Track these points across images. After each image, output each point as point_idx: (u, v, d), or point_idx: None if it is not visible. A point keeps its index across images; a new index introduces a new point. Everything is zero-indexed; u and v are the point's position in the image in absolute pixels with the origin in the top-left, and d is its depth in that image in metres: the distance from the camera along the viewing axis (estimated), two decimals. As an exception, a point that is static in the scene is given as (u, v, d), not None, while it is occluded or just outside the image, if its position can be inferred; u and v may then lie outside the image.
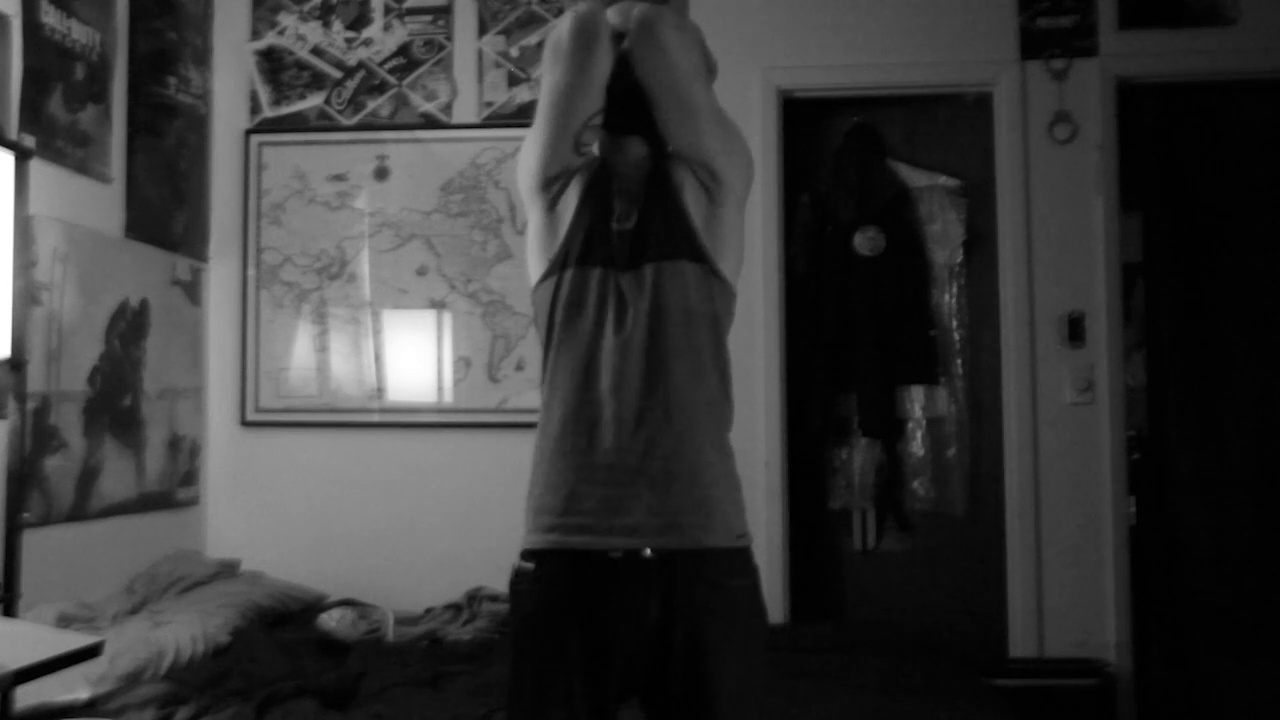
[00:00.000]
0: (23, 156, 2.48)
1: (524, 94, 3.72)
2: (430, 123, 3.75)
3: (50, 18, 2.89)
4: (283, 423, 3.71)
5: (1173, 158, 3.75)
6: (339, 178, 3.75)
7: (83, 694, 2.34)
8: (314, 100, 3.78)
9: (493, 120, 3.73)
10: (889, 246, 3.68)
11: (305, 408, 3.71)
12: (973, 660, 3.24)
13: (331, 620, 3.13)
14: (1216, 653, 3.61)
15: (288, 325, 3.73)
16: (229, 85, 3.79)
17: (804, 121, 3.76)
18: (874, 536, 3.72)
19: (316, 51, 3.79)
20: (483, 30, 3.76)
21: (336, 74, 3.78)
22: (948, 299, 3.72)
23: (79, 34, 3.03)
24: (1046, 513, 3.53)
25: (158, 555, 3.28)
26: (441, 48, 3.77)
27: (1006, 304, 3.61)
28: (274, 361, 3.73)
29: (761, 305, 3.59)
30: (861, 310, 3.67)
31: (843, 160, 3.75)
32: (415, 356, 3.71)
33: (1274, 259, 3.69)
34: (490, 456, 3.62)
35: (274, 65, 3.80)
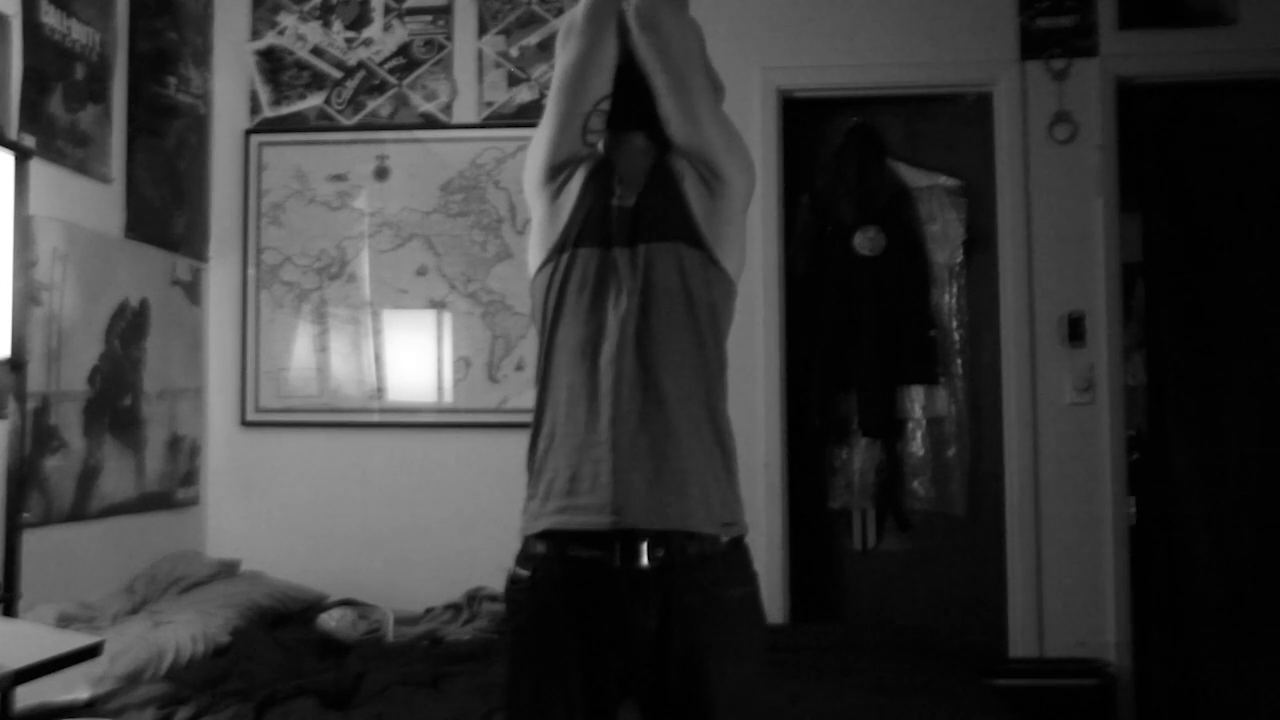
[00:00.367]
0: (23, 156, 2.48)
1: (524, 94, 3.72)
2: (430, 123, 3.75)
3: (50, 18, 2.89)
4: (283, 423, 3.71)
5: (1173, 158, 3.75)
6: (339, 178, 3.75)
7: (83, 694, 2.34)
8: (314, 100, 3.78)
9: (493, 120, 3.73)
10: (889, 246, 3.68)
11: (305, 408, 3.71)
12: (973, 660, 3.24)
13: (331, 620, 3.13)
14: (1216, 653, 3.61)
15: (288, 325, 3.73)
16: (229, 85, 3.79)
17: (804, 121, 3.76)
18: (874, 536, 3.72)
19: (316, 51, 3.79)
20: (483, 30, 3.76)
21: (336, 74, 3.78)
22: (948, 299, 3.72)
23: (79, 34, 3.03)
24: (1046, 513, 3.53)
25: (158, 555, 3.28)
26: (441, 48, 3.77)
27: (1006, 304, 3.61)
28: (274, 361, 3.73)
29: (761, 305, 3.59)
30: (861, 310, 3.67)
31: (842, 160, 3.75)
32: (415, 356, 3.71)
33: (1274, 259, 3.69)
34: (490, 456, 3.62)
35: (274, 65, 3.80)
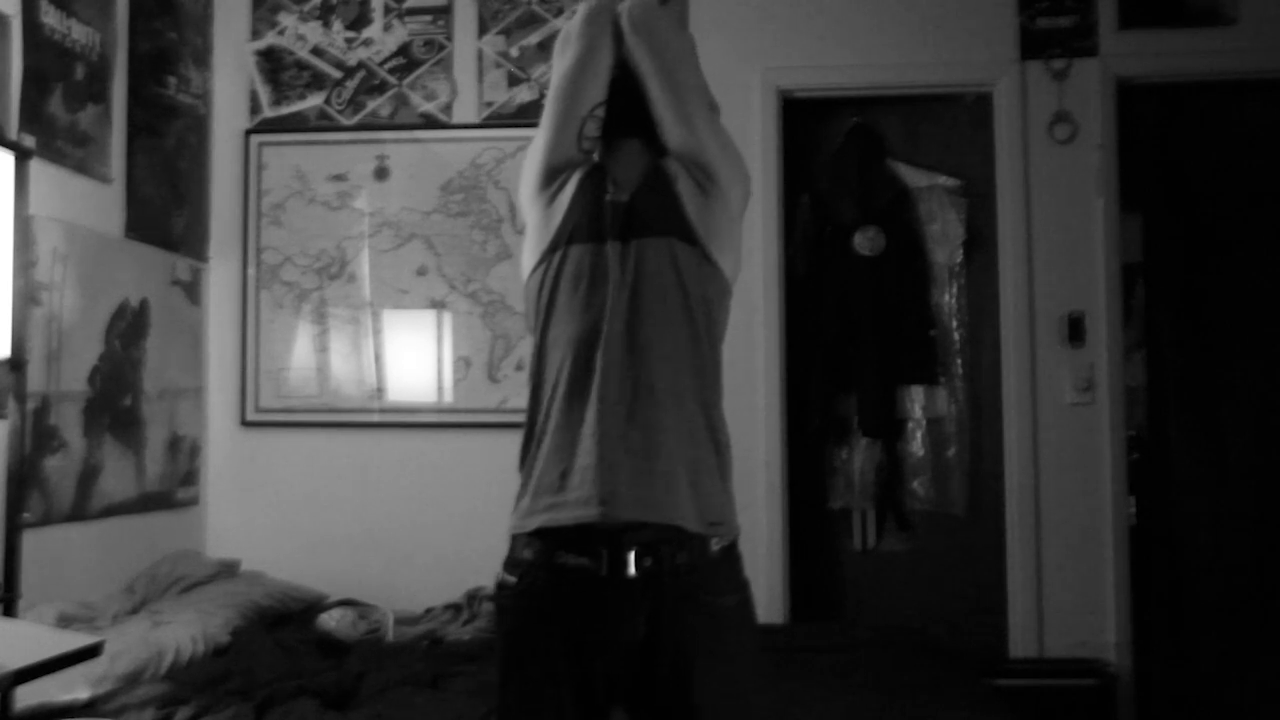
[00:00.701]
0: (23, 156, 2.48)
1: (524, 94, 3.72)
2: (430, 123, 3.75)
3: (50, 18, 2.89)
4: (283, 423, 3.71)
5: (1173, 158, 3.75)
6: (339, 178, 3.75)
7: (83, 694, 2.34)
8: (314, 100, 3.78)
9: (493, 120, 3.73)
10: (889, 246, 3.68)
11: (305, 408, 3.71)
12: (973, 660, 3.24)
13: (331, 620, 3.13)
14: (1216, 653, 3.61)
15: (288, 325, 3.73)
16: (229, 85, 3.79)
17: (804, 121, 3.76)
18: (874, 536, 3.72)
19: (316, 51, 3.79)
20: (483, 30, 3.76)
21: (336, 74, 3.78)
22: (948, 299, 3.72)
23: (79, 34, 3.03)
24: (1046, 513, 3.53)
25: (158, 555, 3.28)
26: (441, 48, 3.77)
27: (1006, 304, 3.61)
28: (274, 361, 3.73)
29: (761, 305, 3.59)
30: (861, 310, 3.67)
31: (842, 160, 3.75)
32: (415, 356, 3.71)
33: (1274, 259, 3.69)
34: (490, 456, 3.61)
35: (274, 65, 3.80)
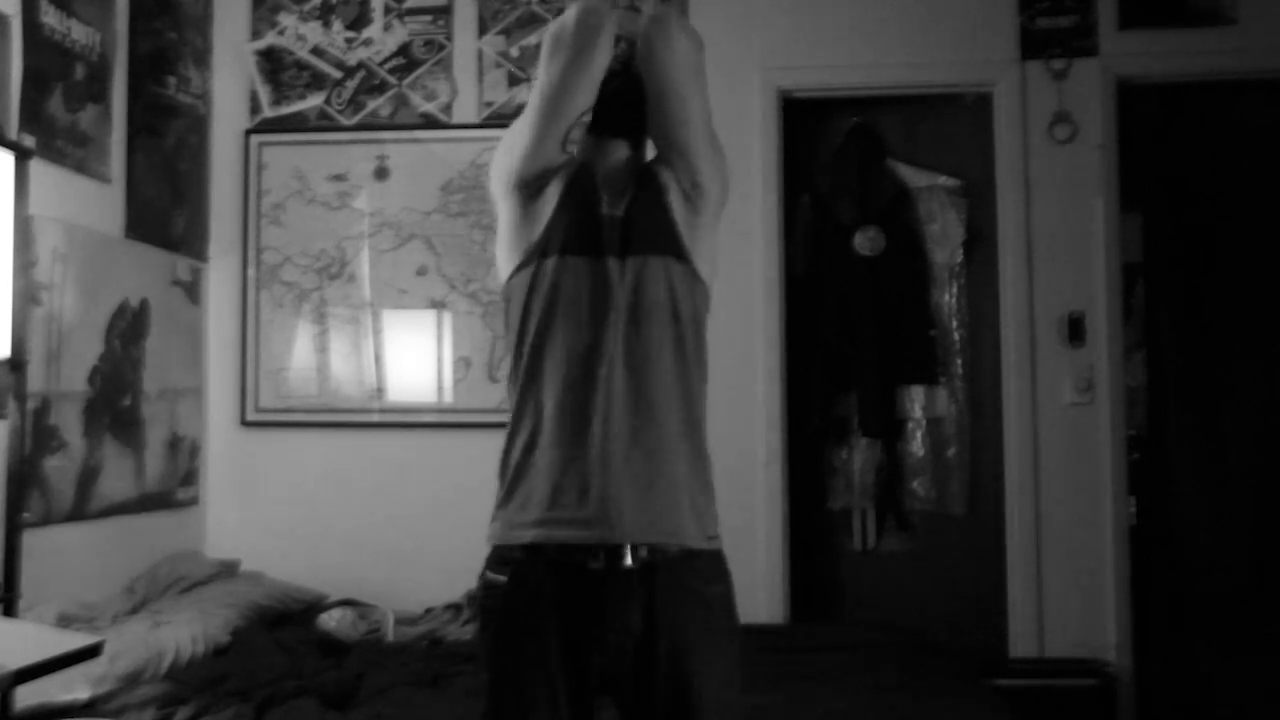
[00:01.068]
0: (23, 156, 2.48)
1: (524, 94, 3.71)
2: (430, 123, 3.75)
3: (50, 18, 2.89)
4: (283, 423, 3.71)
5: (1173, 158, 3.75)
6: (339, 178, 3.75)
7: (83, 694, 2.34)
8: (314, 100, 3.78)
9: (493, 120, 3.73)
10: (889, 246, 3.68)
11: (305, 408, 3.71)
12: (973, 660, 3.24)
13: (331, 620, 3.13)
14: (1216, 653, 3.61)
15: (288, 325, 3.73)
16: (229, 85, 3.79)
17: (804, 121, 3.76)
18: (874, 536, 3.72)
19: (316, 51, 3.79)
20: (483, 30, 3.76)
21: (336, 74, 3.78)
22: (948, 299, 3.72)
23: (79, 34, 3.03)
24: (1046, 513, 3.53)
25: (158, 555, 3.28)
26: (441, 48, 3.77)
27: (1006, 304, 3.61)
28: (274, 361, 3.73)
29: (762, 305, 3.59)
30: (861, 310, 3.66)
31: (842, 160, 3.75)
32: (415, 356, 3.71)
33: (1274, 259, 3.69)
34: (490, 456, 3.54)
35: (274, 65, 3.80)
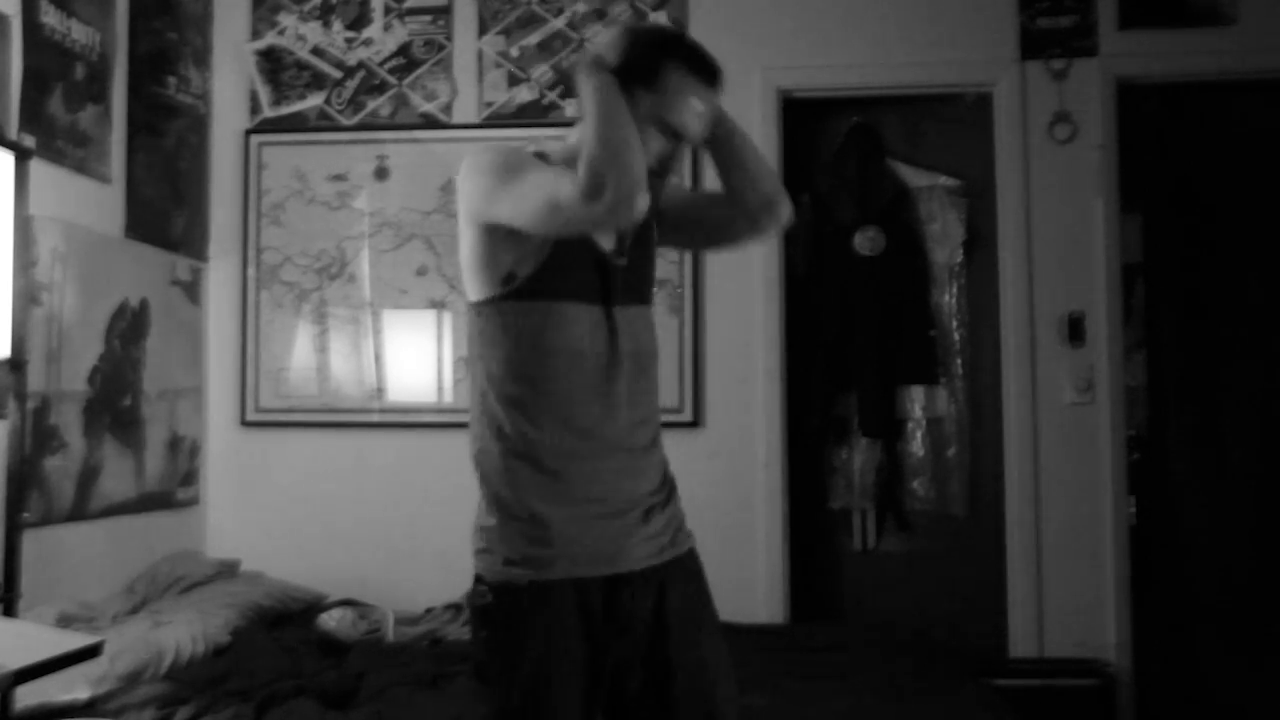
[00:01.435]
0: (23, 156, 2.48)
1: (524, 94, 3.72)
2: (430, 123, 3.75)
3: (50, 18, 2.89)
4: (283, 423, 3.71)
5: (1173, 158, 3.75)
6: (339, 178, 3.75)
7: (83, 694, 2.34)
8: (314, 100, 3.78)
9: (493, 120, 3.73)
10: (889, 246, 3.68)
11: (305, 408, 3.71)
12: (973, 660, 3.24)
13: (331, 620, 3.13)
14: (1216, 653, 3.61)
15: (288, 325, 3.73)
16: (229, 85, 3.79)
17: (804, 121, 3.75)
18: (874, 536, 3.72)
19: (316, 51, 3.79)
20: (483, 30, 3.76)
21: (336, 74, 3.78)
22: (948, 299, 3.72)
23: (79, 34, 3.03)
24: (1046, 513, 3.53)
25: (158, 555, 3.28)
26: (441, 48, 3.77)
27: (1006, 304, 3.61)
28: (274, 361, 3.72)
29: (762, 305, 3.58)
30: (861, 310, 3.66)
31: (842, 160, 3.75)
32: (415, 356, 3.71)
33: (1274, 259, 3.69)
34: (490, 456, 3.61)
35: (274, 65, 3.79)
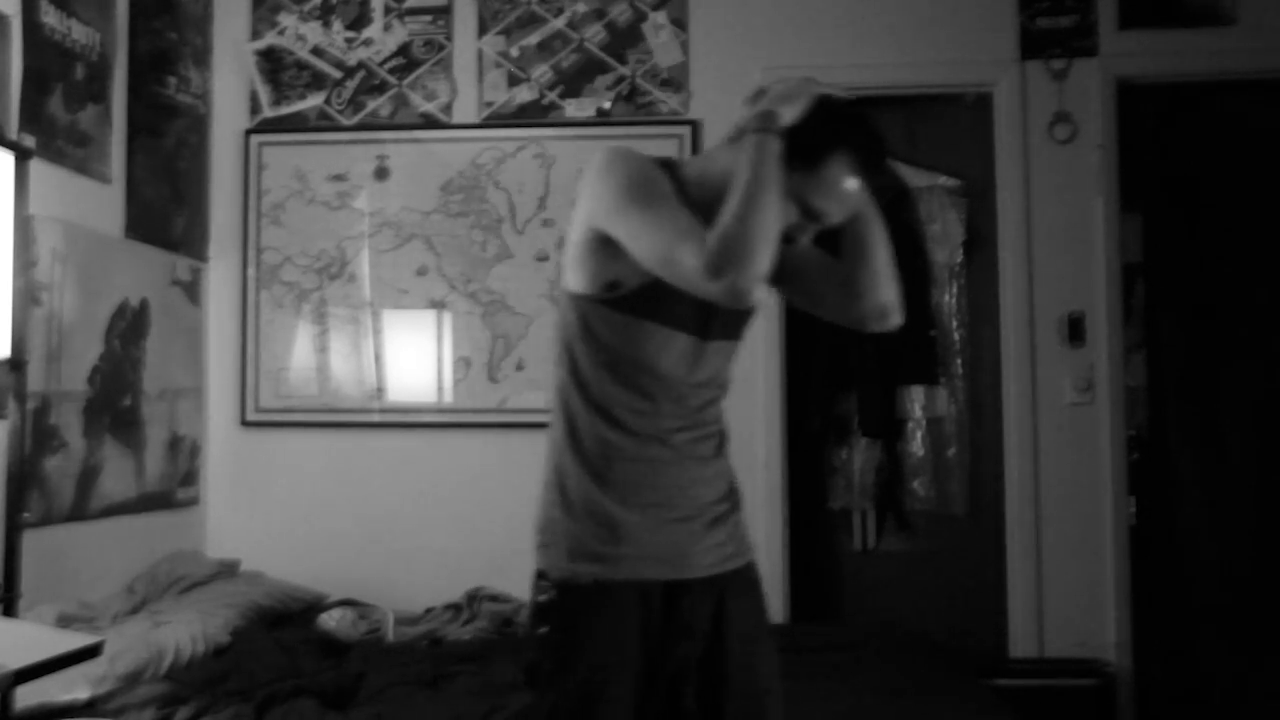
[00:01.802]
0: (23, 156, 2.48)
1: (524, 94, 3.72)
2: (430, 123, 3.75)
3: (50, 18, 2.89)
4: (283, 423, 3.71)
5: (1173, 158, 3.75)
6: (339, 178, 3.75)
7: (83, 694, 2.34)
8: (314, 100, 3.78)
9: (493, 120, 3.73)
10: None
11: (305, 408, 3.71)
12: (973, 660, 3.25)
13: (331, 620, 3.13)
14: (1216, 652, 3.61)
15: (288, 325, 3.73)
16: (229, 85, 3.79)
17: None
18: (874, 536, 3.72)
19: (316, 51, 3.79)
20: (483, 30, 3.76)
21: (336, 74, 3.78)
22: (948, 299, 3.72)
23: (79, 34, 3.03)
24: (1046, 513, 3.53)
25: (158, 555, 3.28)
26: (441, 48, 3.77)
27: (1006, 304, 3.61)
28: (274, 361, 3.72)
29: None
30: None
31: (843, 160, 3.74)
32: (415, 356, 3.71)
33: (1274, 259, 3.69)
34: (490, 456, 3.62)
35: (274, 65, 3.79)
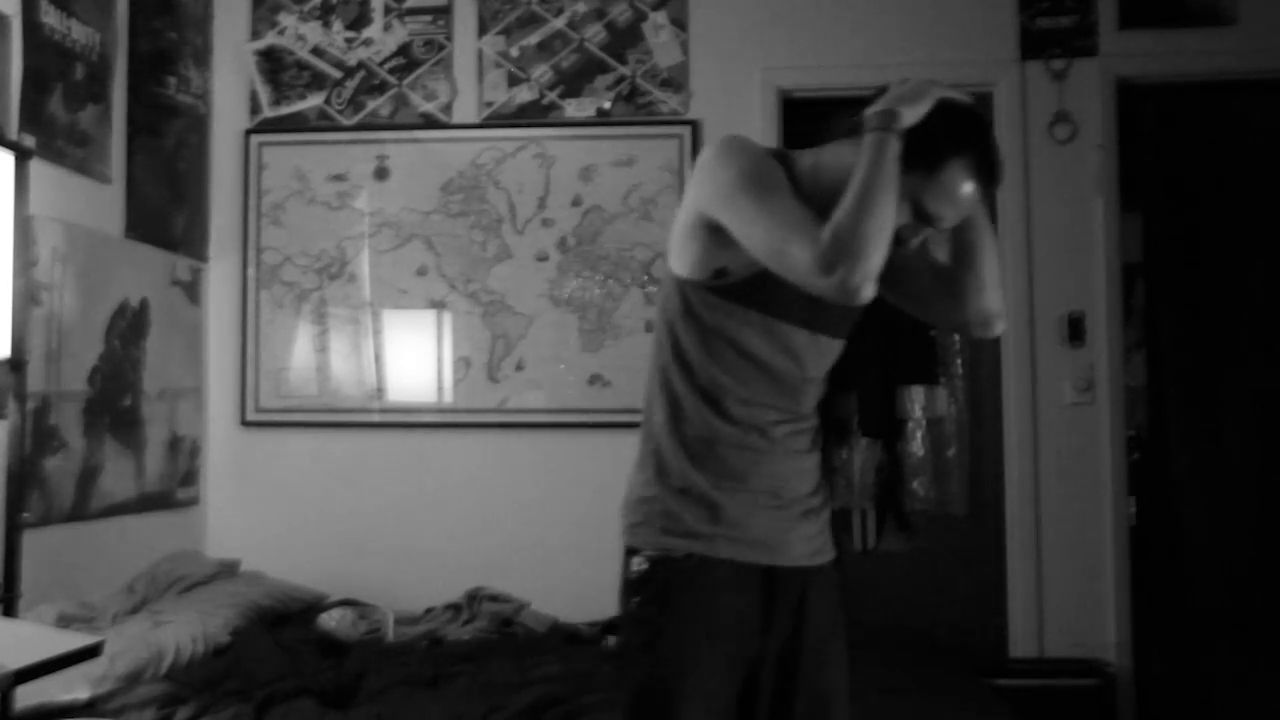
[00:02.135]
0: (23, 156, 2.48)
1: (524, 94, 3.72)
2: (430, 123, 3.75)
3: (50, 18, 2.89)
4: (283, 423, 3.71)
5: (1173, 158, 3.75)
6: (339, 178, 3.75)
7: (83, 694, 2.34)
8: (314, 100, 3.78)
9: (493, 120, 3.73)
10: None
11: (305, 408, 3.71)
12: (973, 660, 3.24)
13: (331, 620, 3.13)
14: (1216, 653, 3.60)
15: (288, 325, 3.73)
16: (229, 85, 3.79)
17: (804, 121, 3.75)
18: (874, 536, 3.72)
19: (316, 51, 3.79)
20: (483, 30, 3.76)
21: (336, 74, 3.78)
22: (948, 299, 3.72)
23: (79, 34, 3.03)
24: (1046, 513, 3.53)
25: (158, 555, 3.28)
26: (441, 48, 3.77)
27: (1006, 304, 3.60)
28: (274, 361, 3.72)
29: (761, 305, 3.59)
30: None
31: (843, 160, 3.74)
32: (415, 356, 3.71)
33: (1274, 259, 3.69)
34: (490, 456, 3.62)
35: (274, 65, 3.79)
